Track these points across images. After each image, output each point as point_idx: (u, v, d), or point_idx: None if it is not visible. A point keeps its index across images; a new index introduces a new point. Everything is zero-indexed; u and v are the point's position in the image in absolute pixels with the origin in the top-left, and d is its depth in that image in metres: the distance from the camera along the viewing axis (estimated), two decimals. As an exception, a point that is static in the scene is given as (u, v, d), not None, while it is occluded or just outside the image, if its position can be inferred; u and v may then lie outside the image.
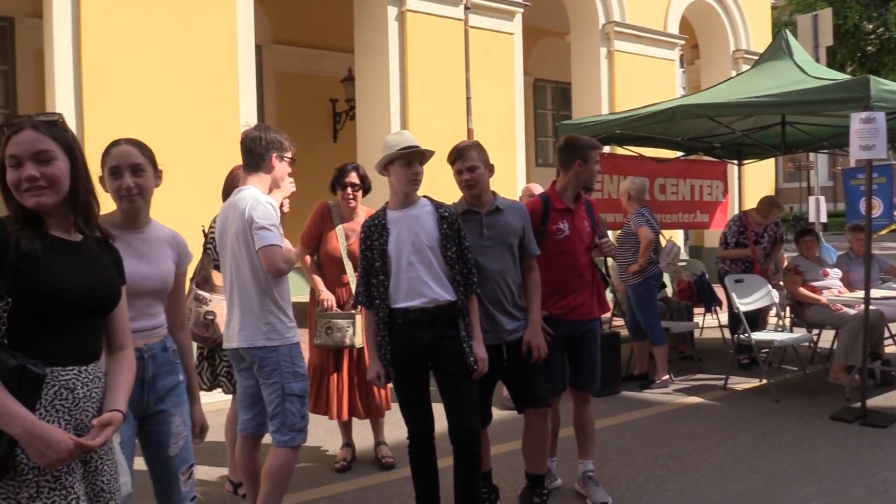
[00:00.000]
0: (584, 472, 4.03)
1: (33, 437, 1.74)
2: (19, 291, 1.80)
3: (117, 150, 2.52)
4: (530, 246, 3.65)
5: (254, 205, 3.14)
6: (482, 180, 3.54)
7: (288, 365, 3.20)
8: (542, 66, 14.04)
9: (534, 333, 3.58)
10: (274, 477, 3.27)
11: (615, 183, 7.84)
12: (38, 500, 1.79)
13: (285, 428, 3.21)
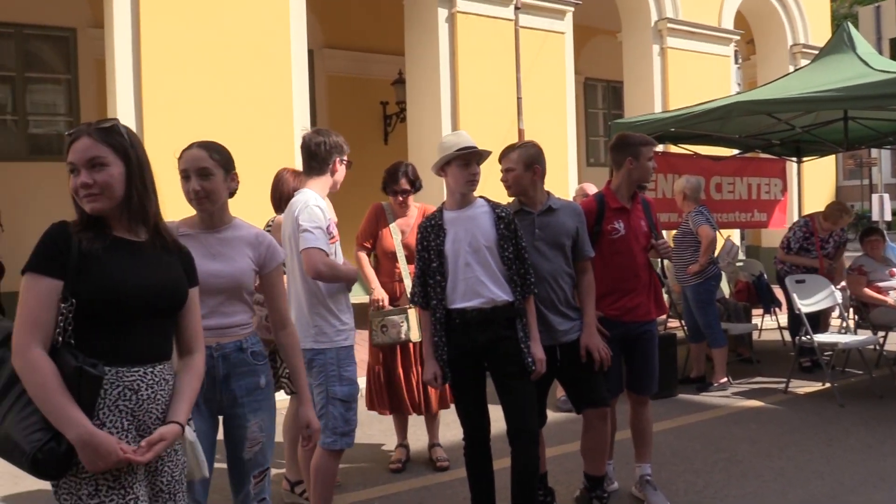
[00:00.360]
0: (641, 476, 3.97)
1: (85, 444, 1.77)
2: (81, 292, 1.84)
3: (187, 154, 2.58)
4: (584, 247, 3.61)
5: (302, 208, 3.19)
6: (518, 182, 3.53)
7: (334, 368, 3.23)
8: (592, 64, 13.90)
9: (589, 336, 3.55)
10: (315, 477, 3.32)
11: (669, 182, 7.70)
12: (96, 497, 1.84)
13: (328, 430, 3.25)
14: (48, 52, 10.34)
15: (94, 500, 1.83)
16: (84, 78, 10.26)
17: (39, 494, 4.16)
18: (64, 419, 1.77)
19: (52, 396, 1.77)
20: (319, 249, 3.12)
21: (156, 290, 1.96)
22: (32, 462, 1.76)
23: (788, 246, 7.06)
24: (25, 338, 1.80)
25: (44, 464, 1.77)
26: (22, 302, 1.84)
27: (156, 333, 1.98)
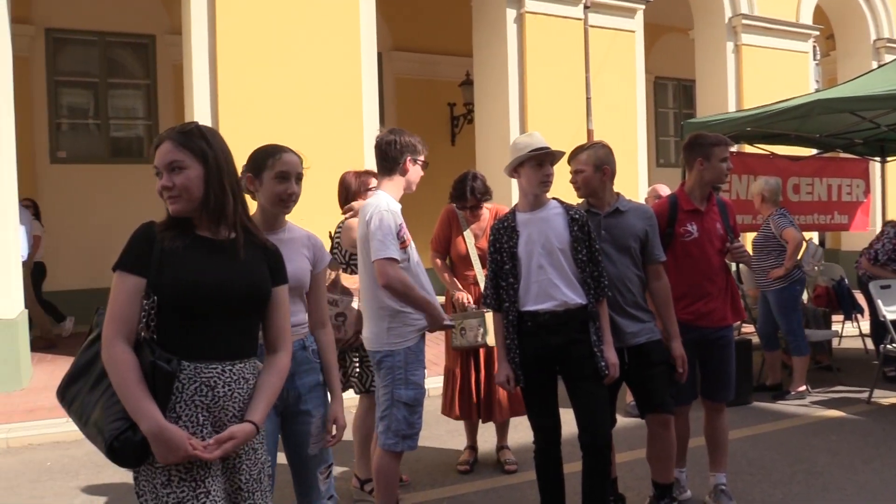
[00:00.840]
0: (715, 485, 3.86)
1: (156, 437, 1.84)
2: (161, 289, 1.91)
3: (288, 158, 2.65)
4: (654, 251, 3.52)
5: (374, 212, 3.19)
6: (588, 183, 3.49)
7: (401, 372, 3.23)
8: (663, 63, 13.64)
9: (677, 347, 3.52)
10: (377, 478, 3.34)
11: (744, 183, 7.48)
12: (168, 487, 1.90)
13: (390, 432, 3.25)
14: (128, 58, 10.77)
15: (166, 489, 1.90)
16: (162, 83, 10.64)
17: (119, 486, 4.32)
18: (138, 411, 1.84)
19: (129, 389, 1.85)
20: (391, 259, 3.12)
21: (231, 289, 1.98)
22: (109, 448, 1.86)
23: (875, 256, 6.70)
24: (111, 332, 1.89)
25: (119, 451, 1.86)
26: (111, 298, 1.93)
27: (235, 331, 2.01)
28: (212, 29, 7.28)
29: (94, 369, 1.98)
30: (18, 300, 6.73)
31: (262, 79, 7.38)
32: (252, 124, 7.18)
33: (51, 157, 10.09)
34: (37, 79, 9.92)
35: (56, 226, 9.79)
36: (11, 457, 5.03)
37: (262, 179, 2.61)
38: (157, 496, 1.90)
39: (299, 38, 7.57)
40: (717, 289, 3.78)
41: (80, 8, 10.04)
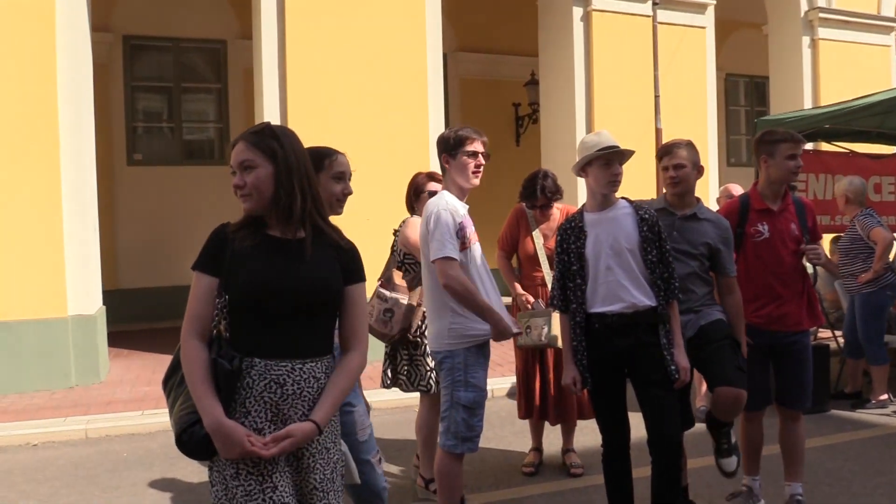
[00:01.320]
0: (791, 496, 3.72)
1: (215, 432, 1.90)
2: (231, 288, 1.96)
3: (343, 159, 2.74)
4: (726, 265, 3.43)
5: (433, 211, 3.18)
6: (688, 180, 3.41)
7: (461, 374, 3.20)
8: (734, 59, 13.27)
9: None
10: (439, 480, 3.32)
11: (822, 182, 7.20)
12: (237, 479, 1.95)
13: (450, 433, 3.23)
14: (201, 63, 11.09)
15: (235, 481, 1.95)
16: (233, 86, 10.91)
17: (191, 478, 4.43)
18: (202, 407, 1.92)
19: (195, 384, 1.93)
20: (449, 259, 3.09)
21: (298, 288, 1.98)
22: (177, 440, 1.97)
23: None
24: (186, 329, 1.98)
25: (186, 444, 1.97)
26: (189, 297, 2.00)
27: (305, 330, 2.01)
28: (281, 33, 7.43)
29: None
30: (97, 297, 7.00)
31: (329, 82, 7.49)
32: (320, 126, 7.28)
33: (128, 159, 10.47)
34: (115, 85, 10.31)
35: (132, 225, 10.16)
36: (90, 447, 5.23)
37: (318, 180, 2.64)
38: (227, 487, 1.95)
39: (366, 41, 7.65)
40: (790, 292, 3.63)
41: (156, 15, 10.38)
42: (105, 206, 9.11)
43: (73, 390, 6.47)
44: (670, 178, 3.42)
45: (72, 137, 6.68)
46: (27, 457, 5.05)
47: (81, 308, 6.69)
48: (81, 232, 6.74)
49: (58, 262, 6.54)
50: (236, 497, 1.94)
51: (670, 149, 3.45)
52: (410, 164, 7.50)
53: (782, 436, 3.78)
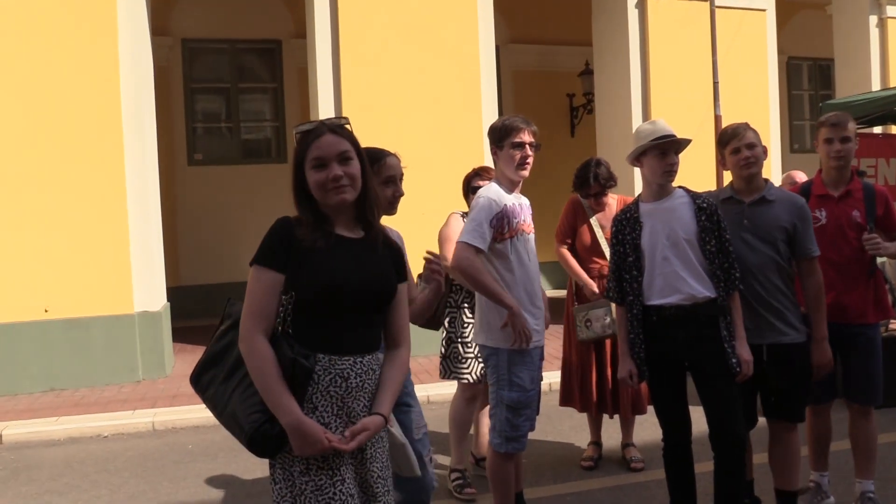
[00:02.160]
0: (862, 493, 3.59)
1: (295, 431, 1.90)
2: (302, 286, 1.95)
3: (392, 161, 2.79)
4: (806, 244, 3.25)
5: (476, 197, 3.20)
6: (761, 159, 3.29)
7: (504, 373, 3.18)
8: (797, 42, 12.83)
9: (821, 353, 3.26)
10: (490, 477, 3.31)
11: (893, 167, 6.92)
12: (307, 475, 1.96)
13: (495, 432, 3.23)
14: (256, 63, 11.27)
15: (305, 477, 1.96)
16: (288, 86, 11.07)
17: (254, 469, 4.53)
18: (278, 405, 1.90)
19: (269, 383, 1.90)
20: (469, 245, 3.06)
21: (367, 286, 2.03)
22: (249, 440, 1.92)
23: None
24: (251, 325, 1.93)
25: (258, 443, 1.92)
26: (249, 292, 1.97)
27: (365, 326, 2.06)
28: (335, 32, 7.49)
29: (228, 359, 2.05)
30: (161, 294, 7.20)
31: (383, 78, 7.52)
32: (374, 122, 7.33)
33: (188, 159, 10.73)
34: (174, 86, 10.56)
35: (193, 223, 10.42)
36: (157, 439, 5.39)
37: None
38: (294, 484, 1.96)
39: (418, 36, 7.66)
40: (850, 282, 3.45)
41: (212, 17, 10.60)
42: (167, 205, 9.36)
43: (141, 384, 6.68)
44: (745, 158, 3.25)
45: (135, 139, 6.88)
46: (98, 448, 5.24)
47: (147, 305, 6.90)
48: (145, 231, 6.94)
49: (123, 261, 6.75)
50: (305, 493, 1.95)
51: (738, 130, 3.30)
52: (464, 157, 7.50)
53: (852, 431, 3.64)
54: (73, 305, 6.61)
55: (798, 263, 3.28)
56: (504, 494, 3.30)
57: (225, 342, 2.08)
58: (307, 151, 2.01)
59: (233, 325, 2.07)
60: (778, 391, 3.29)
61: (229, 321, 2.09)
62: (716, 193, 3.39)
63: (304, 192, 2.03)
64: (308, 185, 2.02)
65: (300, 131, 2.05)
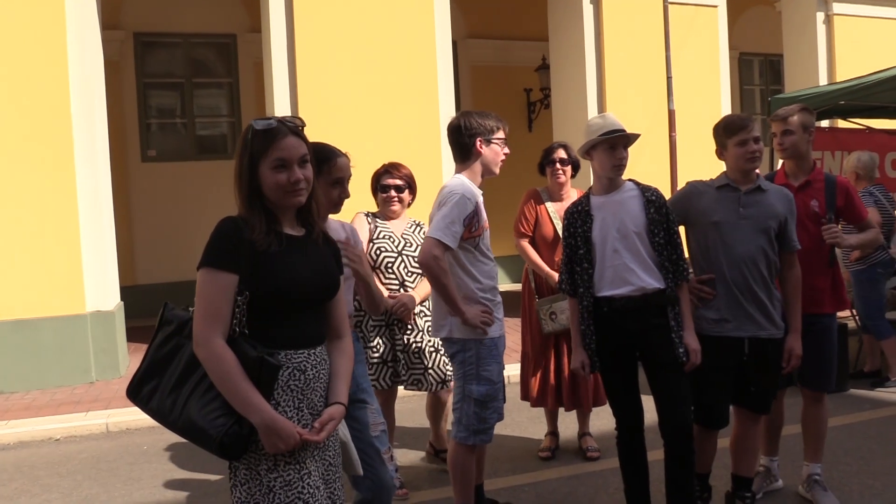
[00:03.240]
0: (809, 476, 3.70)
1: (268, 429, 1.90)
2: (257, 286, 1.95)
3: (342, 163, 2.79)
4: (791, 237, 3.32)
5: (454, 191, 3.11)
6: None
7: (472, 367, 3.18)
8: (748, 38, 13.10)
9: (796, 342, 3.33)
10: (452, 470, 3.32)
11: (838, 160, 7.12)
12: (275, 471, 1.96)
13: (461, 425, 3.23)
14: (211, 57, 11.10)
15: (273, 473, 1.96)
16: (244, 80, 10.93)
17: (211, 468, 4.48)
18: (249, 406, 1.89)
19: (236, 385, 1.89)
20: (442, 243, 3.02)
21: (318, 281, 2.08)
22: (220, 446, 1.90)
23: None
24: (208, 329, 1.91)
25: (230, 446, 1.91)
26: (201, 295, 1.94)
27: (316, 319, 2.10)
28: (290, 26, 7.42)
29: (174, 366, 2.00)
30: (115, 293, 7.07)
31: (339, 72, 7.48)
32: (331, 117, 7.30)
33: (142, 155, 10.53)
34: (127, 82, 10.35)
35: (148, 221, 10.24)
36: (111, 441, 5.30)
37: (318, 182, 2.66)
38: (262, 482, 1.95)
39: (374, 31, 7.63)
40: (808, 271, 3.50)
41: (165, 11, 10.41)
42: (121, 202, 9.19)
43: (94, 385, 6.56)
44: (752, 152, 3.25)
45: (85, 136, 6.73)
46: (50, 451, 5.13)
47: (99, 304, 6.76)
48: (97, 229, 6.80)
49: (74, 260, 6.61)
50: (274, 489, 1.95)
51: (745, 122, 3.29)
52: (421, 152, 7.53)
53: (804, 417, 3.74)
54: (21, 306, 6.46)
55: (781, 256, 3.33)
56: (466, 486, 3.31)
57: (167, 349, 2.03)
58: (268, 151, 1.99)
59: (174, 331, 2.04)
60: (755, 384, 3.35)
61: (169, 327, 2.05)
62: (710, 182, 3.41)
63: (256, 190, 2.01)
64: (261, 183, 2.00)
65: (259, 129, 2.01)
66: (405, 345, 3.90)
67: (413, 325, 3.93)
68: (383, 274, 3.90)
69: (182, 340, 2.01)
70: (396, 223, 4.02)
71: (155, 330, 2.08)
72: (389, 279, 3.91)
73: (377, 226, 3.96)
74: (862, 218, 3.70)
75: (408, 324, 3.90)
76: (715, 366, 3.23)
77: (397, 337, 3.90)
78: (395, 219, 4.03)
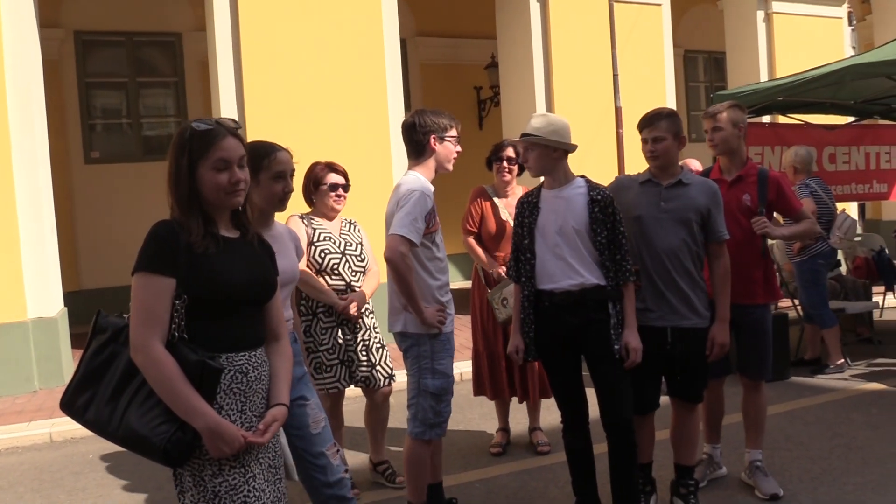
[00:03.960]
0: (751, 462, 3.81)
1: (213, 433, 1.88)
2: (194, 289, 1.93)
3: (283, 156, 2.76)
4: (717, 228, 3.39)
5: (413, 188, 3.14)
6: (668, 153, 3.38)
7: (427, 361, 3.21)
8: (692, 36, 13.37)
9: (722, 333, 3.40)
10: (407, 466, 3.33)
11: (777, 154, 7.31)
12: (220, 476, 1.95)
13: (417, 420, 3.25)
14: (156, 56, 10.88)
15: (218, 478, 1.95)
16: (190, 79, 10.74)
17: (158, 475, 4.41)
18: (191, 411, 1.87)
19: (178, 390, 1.86)
20: (407, 240, 3.05)
21: (255, 283, 2.07)
22: (164, 453, 1.87)
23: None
24: (145, 334, 1.88)
25: (174, 453, 1.88)
26: (137, 300, 1.91)
27: (254, 321, 2.09)
28: (235, 24, 7.32)
29: (111, 376, 1.96)
30: (58, 299, 6.89)
31: (286, 71, 7.41)
32: (277, 116, 7.23)
33: (85, 157, 10.27)
34: (68, 81, 10.08)
35: (92, 224, 10.00)
36: (55, 451, 5.17)
37: (258, 180, 2.65)
38: (207, 488, 1.94)
39: (321, 29, 7.57)
40: (741, 263, 3.60)
41: (107, 9, 10.15)
42: (63, 206, 8.95)
43: (37, 394, 6.39)
44: (649, 151, 3.38)
45: (23, 137, 6.54)
46: (-9, 463, 4.99)
47: (41, 311, 6.59)
48: (38, 233, 6.62)
49: (14, 265, 6.43)
50: (220, 494, 1.94)
51: (651, 121, 3.39)
52: (371, 151, 7.50)
53: (744, 405, 3.85)
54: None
55: (708, 246, 3.42)
56: (420, 480, 3.32)
57: (103, 358, 1.99)
58: (209, 152, 1.97)
59: (109, 339, 2.00)
60: (682, 372, 3.44)
61: (104, 335, 2.01)
62: (634, 176, 3.50)
63: (194, 192, 1.98)
64: (199, 185, 1.98)
65: (200, 130, 1.99)
66: (355, 343, 3.89)
67: (361, 324, 3.91)
68: (329, 276, 3.86)
69: (118, 348, 1.97)
70: (333, 223, 3.98)
71: (88, 339, 2.04)
72: (336, 281, 3.87)
73: (314, 228, 3.89)
74: (794, 210, 3.83)
75: (356, 323, 3.89)
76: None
77: (348, 337, 3.87)
78: (334, 218, 4.01)
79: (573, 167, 3.31)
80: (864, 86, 6.81)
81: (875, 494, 3.62)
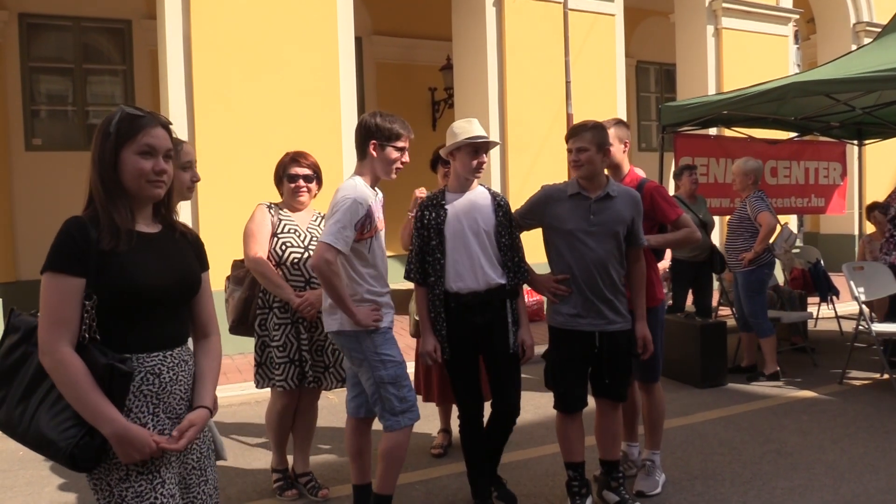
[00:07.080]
0: (644, 460, 3.97)
1: (121, 439, 1.82)
2: (104, 288, 1.85)
3: (188, 148, 2.80)
4: (639, 235, 3.52)
5: (347, 196, 3.12)
6: (591, 164, 3.43)
7: (373, 353, 3.21)
8: (644, 47, 13.65)
9: (643, 328, 3.54)
10: (386, 458, 3.31)
11: (721, 166, 7.51)
12: (126, 482, 1.88)
13: (387, 413, 3.25)
14: (105, 43, 10.63)
15: (124, 484, 1.88)
16: (139, 68, 10.52)
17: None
18: (98, 416, 1.81)
19: (85, 394, 1.80)
20: (334, 248, 3.05)
21: (173, 280, 1.99)
22: (70, 458, 1.82)
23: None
24: (53, 336, 1.82)
25: (81, 459, 1.83)
26: (45, 301, 1.85)
27: (173, 320, 2.01)
28: (186, 13, 7.20)
29: (21, 376, 1.90)
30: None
31: (237, 64, 7.31)
32: (228, 109, 7.13)
33: (26, 144, 9.97)
34: (10, 66, 9.78)
35: (32, 214, 9.70)
36: (-16, 446, 5.00)
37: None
38: (113, 493, 1.88)
39: (275, 24, 7.50)
40: None
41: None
42: (1, 194, 8.68)
43: (-33, 387, 6.16)
44: (573, 161, 3.47)
45: (-41, 121, 6.34)
46: (-86, 458, 4.80)
47: (-26, 301, 6.38)
48: (-28, 221, 6.41)
49: (-54, 253, 6.21)
50: (126, 499, 1.88)
51: (576, 131, 3.48)
52: (322, 148, 7.43)
53: (643, 408, 4.04)
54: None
55: (628, 251, 3.53)
56: (395, 476, 3.35)
57: (14, 359, 1.92)
58: (136, 136, 1.92)
59: (22, 338, 1.93)
60: (610, 374, 3.52)
61: (16, 335, 1.94)
62: (562, 187, 3.55)
63: (115, 179, 1.93)
64: (121, 170, 1.92)
65: (130, 113, 1.94)
66: (310, 343, 3.83)
67: (318, 323, 3.83)
68: (288, 271, 3.77)
69: (30, 348, 1.90)
70: (301, 215, 3.91)
71: (0, 338, 1.97)
72: (295, 276, 3.78)
73: (281, 218, 3.82)
74: (668, 219, 3.90)
75: (313, 322, 3.83)
76: (569, 356, 3.49)
77: (303, 336, 3.79)
78: (301, 210, 3.96)
79: (526, 169, 3.40)
80: (806, 103, 7.03)
81: (801, 499, 3.73)
